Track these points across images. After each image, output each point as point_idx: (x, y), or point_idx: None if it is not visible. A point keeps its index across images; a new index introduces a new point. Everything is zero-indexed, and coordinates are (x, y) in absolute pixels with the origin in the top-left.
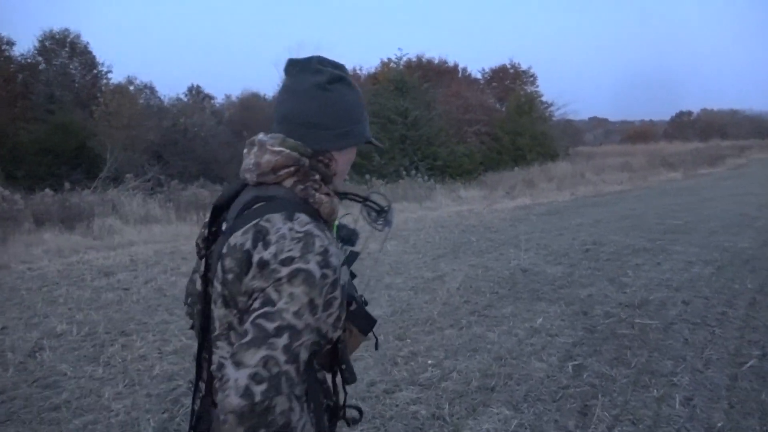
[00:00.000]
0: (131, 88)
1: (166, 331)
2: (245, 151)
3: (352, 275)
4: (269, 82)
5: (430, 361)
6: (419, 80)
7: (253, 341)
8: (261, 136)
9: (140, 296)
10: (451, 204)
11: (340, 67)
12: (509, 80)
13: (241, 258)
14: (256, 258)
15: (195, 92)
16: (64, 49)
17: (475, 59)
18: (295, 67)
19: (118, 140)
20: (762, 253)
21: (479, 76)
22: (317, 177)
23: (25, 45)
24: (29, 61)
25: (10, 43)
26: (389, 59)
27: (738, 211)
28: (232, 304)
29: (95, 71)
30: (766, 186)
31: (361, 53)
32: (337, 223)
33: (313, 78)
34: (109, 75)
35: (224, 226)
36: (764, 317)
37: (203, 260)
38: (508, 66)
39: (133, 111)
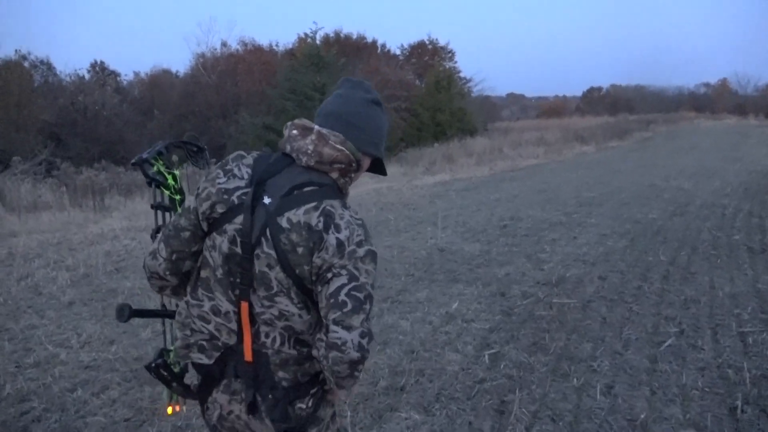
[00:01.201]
0: (25, 64)
1: (31, 339)
2: (295, 132)
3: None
4: (180, 58)
5: None
6: (336, 55)
7: (354, 309)
8: (316, 126)
9: (9, 296)
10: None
11: (379, 97)
12: (428, 56)
13: (311, 237)
14: (332, 239)
15: (99, 69)
16: None
17: (394, 35)
18: (349, 83)
19: (6, 121)
20: (671, 224)
21: (398, 52)
22: (353, 175)
23: None
24: None
25: None
26: (305, 34)
27: (646, 182)
28: (291, 271)
29: None
30: (671, 158)
31: (277, 29)
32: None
33: (364, 94)
34: None
35: (266, 200)
36: (678, 290)
37: (226, 224)
38: (427, 42)
39: (24, 88)
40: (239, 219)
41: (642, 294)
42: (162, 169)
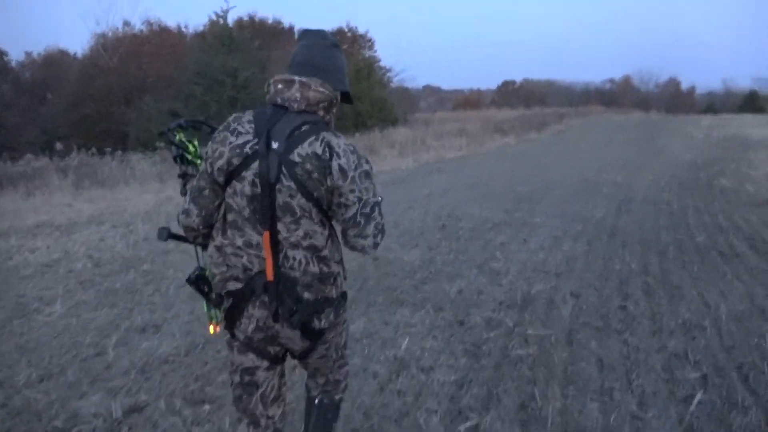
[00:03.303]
0: None
1: None
2: (280, 86)
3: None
4: (78, 38)
5: None
6: (250, 38)
7: (366, 223)
8: (296, 77)
9: None
10: None
11: (336, 40)
12: (347, 44)
13: (321, 164)
14: (335, 165)
15: None
16: None
17: (311, 21)
18: (309, 33)
19: None
20: (623, 224)
21: None
22: (333, 110)
23: None
24: None
25: None
26: (216, 15)
27: (577, 176)
28: (309, 196)
29: None
30: (592, 150)
31: (186, 9)
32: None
33: (324, 41)
34: None
35: (274, 144)
36: (670, 312)
37: (243, 172)
38: (346, 29)
39: None
40: (255, 165)
41: (630, 318)
42: (183, 138)
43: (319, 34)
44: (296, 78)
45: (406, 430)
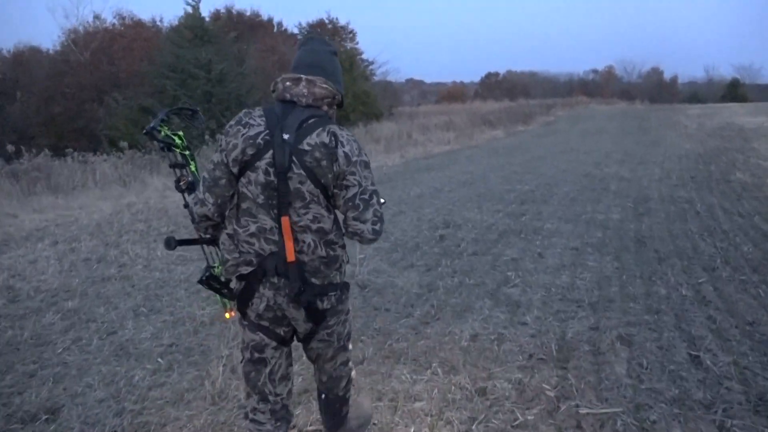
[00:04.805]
0: None
1: None
2: (288, 83)
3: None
4: (47, 33)
5: None
6: (224, 29)
7: (365, 207)
8: (302, 75)
9: None
10: None
11: (335, 47)
12: (328, 36)
13: (328, 151)
14: (341, 152)
15: None
16: None
17: (291, 13)
18: (314, 40)
19: None
20: (648, 230)
21: (296, 30)
22: (335, 107)
23: None
24: None
25: None
26: (187, 2)
27: (579, 170)
28: (317, 182)
29: None
30: (585, 142)
31: (161, 1)
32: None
33: (326, 47)
34: None
35: (285, 136)
36: (761, 366)
37: (257, 161)
38: (326, 21)
39: None
40: (268, 155)
41: (713, 381)
42: (168, 132)
43: (322, 41)
44: (302, 76)
45: None
